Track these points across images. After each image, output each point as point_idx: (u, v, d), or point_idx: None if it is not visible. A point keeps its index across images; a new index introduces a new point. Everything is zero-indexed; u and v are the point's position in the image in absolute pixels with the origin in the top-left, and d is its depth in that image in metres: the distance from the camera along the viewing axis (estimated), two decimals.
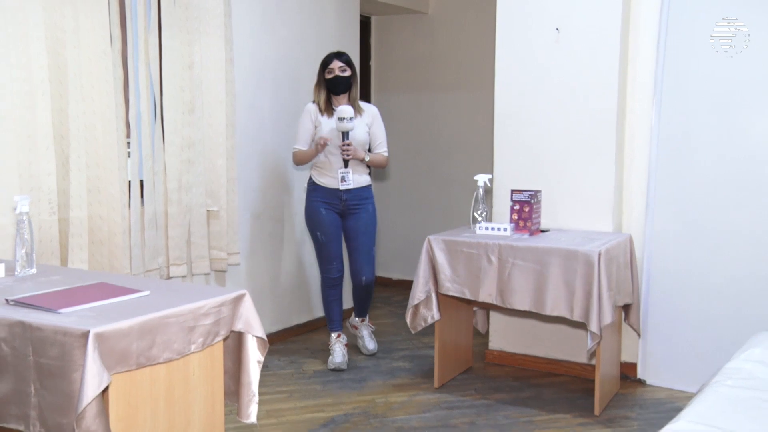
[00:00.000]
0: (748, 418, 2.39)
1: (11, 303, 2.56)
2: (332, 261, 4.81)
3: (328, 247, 4.78)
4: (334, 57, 4.66)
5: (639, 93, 4.54)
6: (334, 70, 4.62)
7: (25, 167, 3.64)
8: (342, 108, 4.50)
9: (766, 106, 4.21)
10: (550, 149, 4.66)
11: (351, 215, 4.76)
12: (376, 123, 4.80)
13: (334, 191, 4.68)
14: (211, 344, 2.72)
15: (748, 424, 2.34)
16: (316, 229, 4.78)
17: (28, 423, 2.39)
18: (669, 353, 4.54)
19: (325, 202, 4.71)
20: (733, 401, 2.54)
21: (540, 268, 4.05)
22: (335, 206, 4.72)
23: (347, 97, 4.70)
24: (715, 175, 4.33)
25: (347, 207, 4.72)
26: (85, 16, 3.83)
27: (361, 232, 4.77)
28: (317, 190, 4.74)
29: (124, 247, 4.05)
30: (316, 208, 4.73)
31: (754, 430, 2.30)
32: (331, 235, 4.75)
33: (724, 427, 2.29)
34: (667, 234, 4.49)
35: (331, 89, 4.66)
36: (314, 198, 4.75)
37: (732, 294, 4.32)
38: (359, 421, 4.01)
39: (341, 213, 4.75)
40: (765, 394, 2.59)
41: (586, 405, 4.26)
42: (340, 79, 4.62)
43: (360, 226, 4.77)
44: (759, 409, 2.47)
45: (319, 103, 4.69)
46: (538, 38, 4.64)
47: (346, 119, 4.46)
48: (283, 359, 5.00)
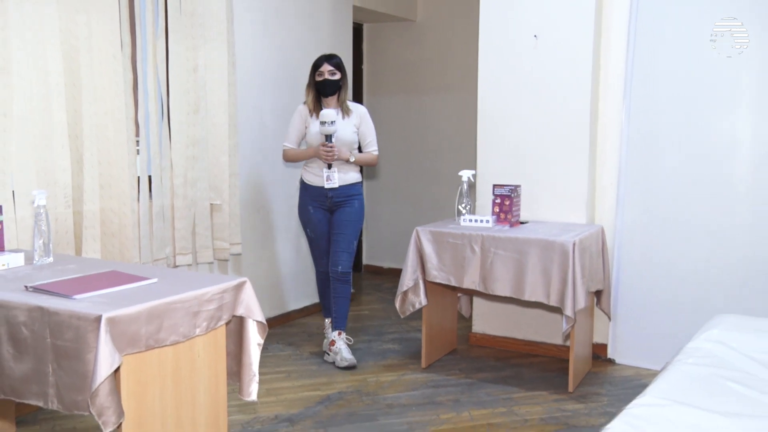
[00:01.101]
0: (706, 393, 2.42)
1: (30, 289, 2.57)
2: (322, 256, 4.67)
3: (318, 243, 4.66)
4: (324, 60, 4.48)
5: (610, 96, 4.54)
6: (324, 73, 4.44)
7: (42, 164, 3.64)
8: (324, 112, 4.33)
9: (725, 108, 4.23)
10: (529, 147, 4.66)
11: (337, 210, 4.57)
12: (364, 123, 4.59)
13: (320, 189, 4.52)
14: (214, 328, 2.73)
15: (707, 398, 2.36)
16: (306, 226, 4.69)
17: (46, 400, 2.40)
18: (636, 335, 4.57)
19: (314, 200, 4.57)
20: (694, 378, 2.56)
21: (519, 257, 4.05)
22: (323, 204, 4.56)
23: (336, 99, 4.51)
24: (680, 171, 4.35)
25: (333, 203, 4.55)
26: (97, 23, 3.82)
27: (344, 225, 4.56)
28: (307, 189, 4.60)
29: (133, 238, 4.05)
30: (306, 206, 4.61)
31: (712, 403, 2.32)
32: (319, 231, 4.61)
33: (685, 402, 2.32)
34: (635, 225, 4.51)
35: (321, 91, 4.48)
36: (304, 196, 4.63)
37: (694, 281, 4.35)
38: (352, 399, 4.02)
39: (329, 209, 4.59)
40: (722, 371, 2.62)
41: (561, 382, 4.27)
42: (329, 82, 4.44)
43: (343, 220, 4.56)
44: (717, 385, 2.49)
45: (309, 104, 4.53)
46: (517, 44, 4.64)
47: (327, 123, 4.28)
48: (281, 342, 5.00)
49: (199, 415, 2.75)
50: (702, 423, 2.17)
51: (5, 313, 2.46)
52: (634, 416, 2.22)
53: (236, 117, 4.76)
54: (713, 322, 3.20)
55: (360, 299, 6.26)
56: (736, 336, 2.98)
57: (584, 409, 3.92)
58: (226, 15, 4.59)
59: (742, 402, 2.36)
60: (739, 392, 2.44)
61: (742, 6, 4.11)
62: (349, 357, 4.52)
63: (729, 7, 4.15)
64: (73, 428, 3.60)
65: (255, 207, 5.12)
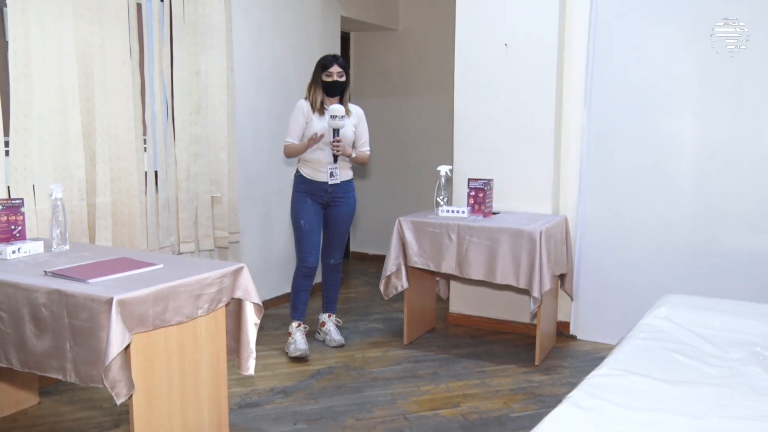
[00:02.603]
0: (655, 363, 2.47)
1: (49, 274, 2.58)
2: (311, 250, 4.32)
3: (310, 236, 4.30)
4: (333, 61, 4.19)
5: (572, 100, 4.55)
6: (333, 74, 4.16)
7: (59, 160, 3.64)
8: (334, 107, 4.09)
9: (671, 112, 4.26)
10: (501, 145, 4.66)
11: (334, 206, 4.34)
12: (361, 123, 4.39)
13: (320, 184, 4.26)
14: (215, 309, 2.75)
15: (656, 368, 2.42)
16: (301, 218, 4.29)
17: (65, 373, 2.42)
18: (595, 313, 4.59)
19: (312, 194, 4.28)
20: (644, 351, 2.61)
21: (492, 244, 4.06)
22: (321, 198, 4.29)
23: (339, 99, 4.24)
24: (633, 167, 4.38)
25: (332, 199, 4.31)
26: (108, 33, 3.81)
27: (340, 222, 4.39)
28: (304, 182, 4.28)
29: (141, 228, 4.05)
30: (303, 198, 4.28)
31: (659, 372, 2.37)
32: (314, 224, 4.29)
33: (637, 372, 2.37)
34: (595, 215, 4.52)
35: (328, 92, 4.20)
36: (301, 189, 4.30)
37: (645, 264, 4.38)
38: (341, 373, 4.03)
39: (325, 204, 4.33)
40: (668, 344, 2.67)
41: (529, 357, 4.29)
42: (338, 83, 4.18)
43: (340, 216, 4.37)
44: (664, 356, 2.55)
45: (315, 102, 4.22)
46: (489, 53, 4.63)
47: (338, 117, 4.07)
48: (276, 321, 4.99)
49: (202, 388, 2.77)
50: (651, 390, 2.22)
51: (27, 295, 2.48)
52: (593, 385, 2.26)
53: (234, 117, 4.75)
54: (661, 301, 3.24)
55: (348, 283, 6.24)
56: (680, 313, 3.02)
57: (549, 380, 3.95)
58: (225, 25, 4.58)
59: (685, 371, 2.41)
60: (682, 362, 2.49)
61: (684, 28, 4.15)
62: (338, 338, 4.48)
63: (672, 28, 4.19)
64: (89, 399, 3.61)
65: (252, 199, 5.11)
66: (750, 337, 2.76)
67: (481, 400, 3.65)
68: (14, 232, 3.05)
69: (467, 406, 3.59)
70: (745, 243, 4.13)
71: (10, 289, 2.53)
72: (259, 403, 3.60)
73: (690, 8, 4.15)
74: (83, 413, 3.45)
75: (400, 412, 3.50)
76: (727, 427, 1.98)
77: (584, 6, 4.45)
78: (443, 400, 3.66)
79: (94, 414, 3.44)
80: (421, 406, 3.58)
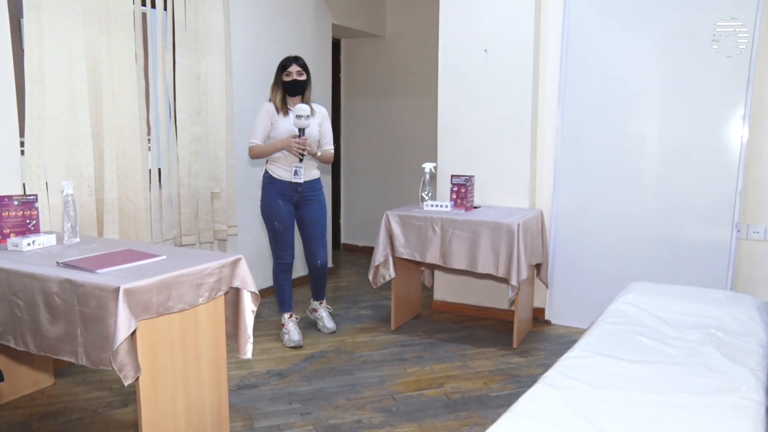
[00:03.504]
0: (622, 345, 2.51)
1: (61, 265, 2.59)
2: (287, 248, 4.20)
3: (285, 235, 4.17)
4: (292, 61, 4.07)
5: (547, 101, 4.56)
6: (292, 73, 4.05)
7: (69, 159, 3.64)
8: (300, 106, 3.95)
9: (636, 114, 4.28)
10: (481, 144, 4.67)
11: (305, 205, 4.20)
12: (325, 122, 4.23)
13: (290, 184, 4.11)
14: (214, 298, 2.76)
15: (622, 349, 2.46)
16: (274, 219, 4.15)
17: (77, 357, 2.43)
18: (568, 300, 4.62)
19: (282, 194, 4.13)
20: (612, 334, 2.65)
21: (473, 236, 4.07)
22: (291, 197, 4.14)
23: (301, 99, 4.10)
24: (602, 165, 4.40)
25: (302, 198, 4.16)
26: (115, 40, 3.81)
27: (315, 221, 4.24)
28: (274, 183, 4.13)
29: (146, 221, 4.05)
30: (274, 199, 4.13)
31: (625, 353, 2.42)
32: (287, 224, 4.15)
33: (605, 353, 2.41)
34: (568, 209, 4.54)
35: (288, 91, 4.08)
36: (272, 190, 4.14)
37: (615, 255, 4.41)
38: (332, 357, 4.04)
39: (296, 204, 4.18)
40: (634, 328, 2.72)
41: (507, 340, 4.31)
42: (297, 82, 4.05)
43: (313, 215, 4.23)
44: (629, 339, 2.59)
45: (276, 102, 4.10)
46: (470, 58, 4.64)
47: (304, 117, 3.94)
48: (271, 309, 4.99)
49: (203, 370, 2.78)
50: (618, 370, 2.26)
51: (41, 284, 2.49)
52: (566, 366, 2.30)
53: (232, 118, 4.74)
54: (628, 289, 3.27)
55: (338, 273, 6.24)
56: (645, 299, 3.06)
57: (525, 361, 3.97)
58: (224, 32, 4.58)
59: (648, 352, 2.45)
60: (646, 344, 2.53)
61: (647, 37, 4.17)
62: (331, 324, 4.46)
63: (638, 37, 4.22)
64: (100, 380, 3.63)
65: (248, 194, 5.08)
66: (705, 320, 2.81)
67: (462, 381, 3.67)
68: (29, 225, 3.07)
69: (450, 386, 3.61)
70: (701, 234, 4.17)
71: (26, 278, 2.54)
72: (257, 384, 3.61)
73: (653, 19, 4.18)
74: (94, 393, 3.47)
75: (388, 393, 3.52)
76: (684, 401, 2.02)
77: (557, 16, 4.47)
78: (428, 381, 3.68)
79: (105, 394, 3.46)
80: (407, 387, 3.59)
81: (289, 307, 4.35)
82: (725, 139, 4.07)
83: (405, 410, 3.31)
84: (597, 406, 1.98)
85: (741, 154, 4.03)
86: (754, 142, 4.06)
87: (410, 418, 3.21)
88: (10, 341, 2.64)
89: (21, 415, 3.21)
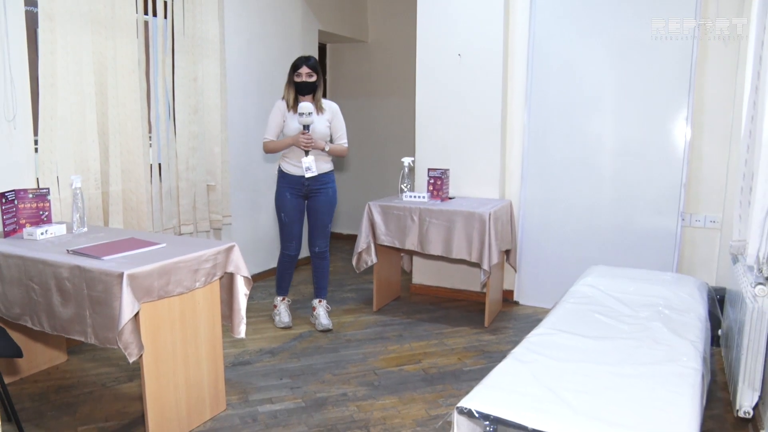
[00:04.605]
0: (582, 323, 2.57)
1: (71, 252, 2.61)
2: (292, 240, 4.12)
3: (290, 227, 4.09)
4: (303, 62, 3.95)
5: (515, 101, 4.57)
6: (302, 74, 3.93)
7: (78, 155, 3.63)
8: (302, 104, 3.86)
9: (595, 114, 4.32)
10: (456, 140, 4.67)
11: (312, 197, 4.07)
12: (336, 118, 4.09)
13: (298, 178, 4.01)
14: (211, 282, 2.77)
15: (582, 327, 2.52)
16: (281, 211, 4.08)
17: (86, 336, 2.45)
18: (535, 282, 4.65)
19: (291, 188, 4.04)
20: (574, 313, 2.71)
21: (448, 225, 4.08)
22: (299, 191, 4.04)
23: (311, 98, 4.00)
24: (565, 159, 4.43)
25: (310, 190, 4.04)
26: (120, 46, 3.79)
27: (320, 212, 4.08)
28: (284, 177, 4.06)
29: (147, 212, 4.04)
30: (283, 193, 4.06)
31: (585, 330, 2.47)
32: (293, 217, 4.07)
33: (567, 330, 2.47)
34: (535, 200, 4.57)
35: (298, 90, 3.98)
36: (282, 184, 4.07)
37: (576, 241, 4.45)
38: (319, 336, 4.04)
39: (305, 196, 4.07)
40: (593, 307, 2.77)
41: (479, 320, 4.34)
42: (306, 83, 3.94)
43: (319, 206, 4.07)
44: (589, 317, 2.64)
45: (288, 101, 4.01)
46: (446, 61, 4.64)
47: (305, 114, 3.84)
48: (263, 292, 4.98)
49: (201, 349, 2.80)
50: (578, 345, 2.31)
51: (53, 270, 2.50)
52: (532, 343, 2.35)
53: (227, 116, 4.72)
54: (588, 272, 3.33)
55: None
56: (603, 281, 3.12)
57: (496, 339, 3.99)
58: (219, 38, 4.56)
59: (605, 328, 2.51)
60: (603, 321, 2.59)
61: (605, 44, 4.21)
62: (326, 322, 4.17)
63: (596, 44, 4.26)
64: (108, 357, 3.63)
65: (242, 187, 5.08)
66: (655, 299, 2.88)
67: (439, 357, 3.69)
68: (42, 216, 3.07)
69: (427, 362, 3.63)
70: (651, 223, 4.22)
71: (40, 265, 2.54)
72: (250, 361, 3.61)
73: (609, 29, 4.22)
74: (103, 369, 3.47)
75: (371, 368, 3.53)
76: (636, 371, 2.08)
77: (524, 25, 4.48)
78: (407, 357, 3.70)
79: (112, 370, 3.46)
80: (388, 363, 3.61)
81: (284, 292, 4.30)
82: (671, 138, 4.14)
83: (386, 384, 3.33)
84: (559, 378, 2.02)
85: (685, 151, 4.11)
86: (695, 140, 4.13)
87: (391, 391, 3.24)
88: (27, 321, 2.65)
89: (39, 388, 3.22)
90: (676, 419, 1.77)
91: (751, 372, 2.61)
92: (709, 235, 4.17)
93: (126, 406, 3.03)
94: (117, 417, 2.92)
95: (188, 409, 2.76)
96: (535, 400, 1.87)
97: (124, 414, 2.95)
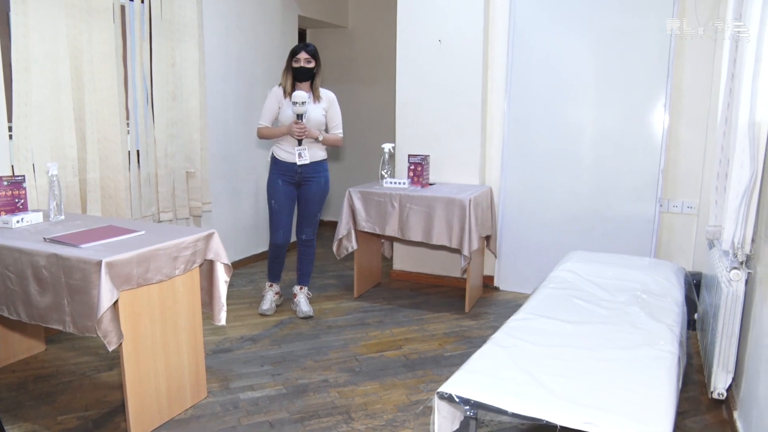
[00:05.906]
0: (561, 308, 2.59)
1: (47, 240, 2.58)
2: (279, 229, 4.06)
3: (278, 216, 4.03)
4: (302, 48, 3.90)
5: (496, 89, 4.58)
6: (300, 60, 3.87)
7: (54, 141, 3.57)
8: (296, 93, 3.81)
9: (575, 102, 4.34)
10: (436, 126, 4.68)
11: (304, 185, 4.02)
12: (332, 108, 4.02)
13: (291, 165, 3.96)
14: (190, 269, 2.76)
15: (561, 311, 2.54)
16: (272, 198, 4.03)
17: (64, 325, 2.43)
18: (515, 268, 4.68)
19: (282, 175, 3.99)
20: (553, 298, 2.73)
21: (428, 211, 4.08)
22: (291, 178, 3.99)
23: (309, 85, 3.95)
24: (545, 147, 4.45)
25: (302, 178, 4.00)
26: (96, 31, 3.73)
27: (310, 200, 4.05)
28: (277, 164, 4.01)
29: (126, 200, 4.00)
30: (275, 179, 4.01)
31: (564, 315, 2.50)
32: (283, 205, 4.01)
33: (547, 315, 2.49)
34: (515, 186, 4.59)
35: (296, 77, 3.91)
36: (274, 171, 4.02)
37: (555, 227, 4.49)
38: (301, 322, 4.04)
39: (297, 183, 4.03)
40: (572, 292, 2.80)
41: (460, 305, 4.36)
42: (304, 70, 3.88)
43: (309, 194, 4.04)
44: (568, 302, 2.67)
45: (285, 87, 3.94)
46: (426, 47, 4.64)
47: (299, 103, 3.80)
48: (244, 279, 4.97)
49: (181, 337, 2.79)
50: (557, 329, 2.34)
51: (30, 258, 2.47)
52: (512, 327, 2.36)
53: (206, 102, 4.68)
54: (567, 257, 3.36)
55: None
56: (581, 266, 3.15)
57: (476, 324, 4.01)
58: (197, 22, 4.50)
59: (583, 312, 2.54)
60: (582, 306, 2.62)
61: (585, 34, 4.22)
62: (306, 309, 4.17)
63: (576, 34, 4.27)
64: (87, 346, 3.61)
65: (221, 174, 5.06)
66: (632, 284, 2.92)
67: (419, 343, 3.71)
68: (18, 204, 3.02)
69: (408, 347, 3.65)
70: (630, 209, 4.27)
71: (16, 253, 2.51)
72: (231, 348, 3.61)
73: (588, 19, 4.24)
74: (83, 358, 3.45)
75: (352, 354, 3.55)
76: (614, 355, 2.11)
77: (504, 13, 4.49)
78: (388, 343, 3.71)
79: (92, 359, 3.44)
80: (369, 349, 3.63)
81: (274, 279, 4.27)
82: (650, 126, 4.17)
83: (367, 370, 3.34)
84: (539, 362, 2.04)
85: (663, 138, 4.15)
86: (673, 127, 4.17)
87: (372, 377, 3.26)
88: (3, 311, 2.62)
89: (17, 377, 3.19)
90: (653, 401, 1.80)
91: (725, 355, 2.66)
92: (686, 220, 4.23)
93: (106, 395, 3.02)
94: (97, 406, 2.90)
95: (169, 397, 2.76)
96: (515, 385, 1.89)
97: (104, 403, 2.93)
